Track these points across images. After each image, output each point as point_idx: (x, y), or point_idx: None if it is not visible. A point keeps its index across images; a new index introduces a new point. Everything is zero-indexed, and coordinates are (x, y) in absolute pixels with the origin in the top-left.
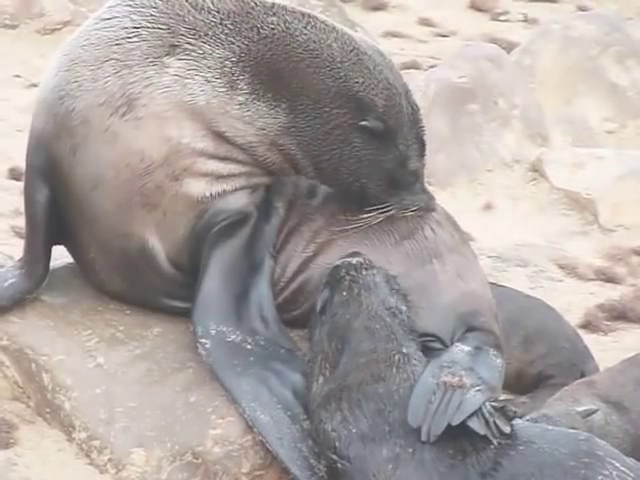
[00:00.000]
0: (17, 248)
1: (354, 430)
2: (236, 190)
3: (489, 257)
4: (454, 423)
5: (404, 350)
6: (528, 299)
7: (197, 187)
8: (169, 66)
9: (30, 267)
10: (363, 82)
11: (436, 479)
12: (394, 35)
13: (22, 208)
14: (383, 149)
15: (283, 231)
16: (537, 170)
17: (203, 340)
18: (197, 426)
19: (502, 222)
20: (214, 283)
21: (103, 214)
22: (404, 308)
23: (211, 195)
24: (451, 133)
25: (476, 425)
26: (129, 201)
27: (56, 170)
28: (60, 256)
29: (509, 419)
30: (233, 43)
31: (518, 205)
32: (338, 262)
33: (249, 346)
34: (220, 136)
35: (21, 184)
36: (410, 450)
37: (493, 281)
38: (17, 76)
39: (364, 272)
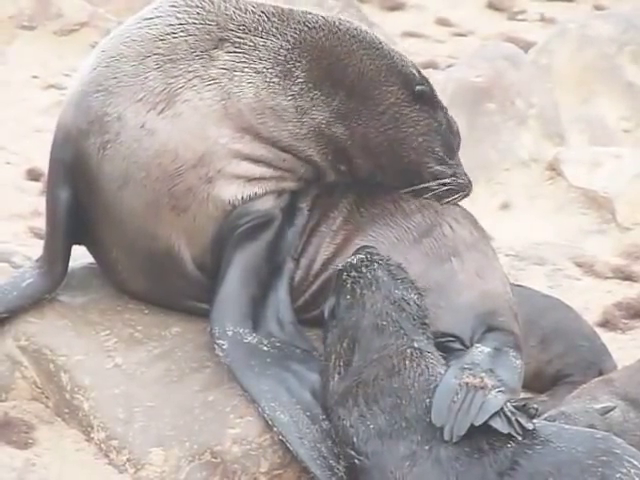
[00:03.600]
0: (35, 249)
1: (372, 426)
2: (265, 194)
3: (507, 256)
4: (477, 423)
5: (415, 344)
6: (546, 298)
7: (229, 190)
8: (217, 59)
9: (49, 266)
10: (399, 57)
11: (453, 477)
12: (412, 35)
13: (41, 209)
14: (434, 114)
15: (305, 232)
16: (554, 169)
17: (220, 341)
18: (216, 425)
19: (520, 221)
20: (233, 285)
21: (129, 214)
22: (412, 296)
23: (242, 198)
24: (468, 132)
25: (499, 424)
26: (157, 202)
27: (83, 166)
28: (78, 257)
29: (531, 417)
30: (286, 33)
31: (535, 204)
32: (340, 265)
33: (265, 348)
34: (259, 136)
35: (40, 185)
36: (427, 447)
37: (511, 280)
38: (35, 77)
39: (364, 270)
